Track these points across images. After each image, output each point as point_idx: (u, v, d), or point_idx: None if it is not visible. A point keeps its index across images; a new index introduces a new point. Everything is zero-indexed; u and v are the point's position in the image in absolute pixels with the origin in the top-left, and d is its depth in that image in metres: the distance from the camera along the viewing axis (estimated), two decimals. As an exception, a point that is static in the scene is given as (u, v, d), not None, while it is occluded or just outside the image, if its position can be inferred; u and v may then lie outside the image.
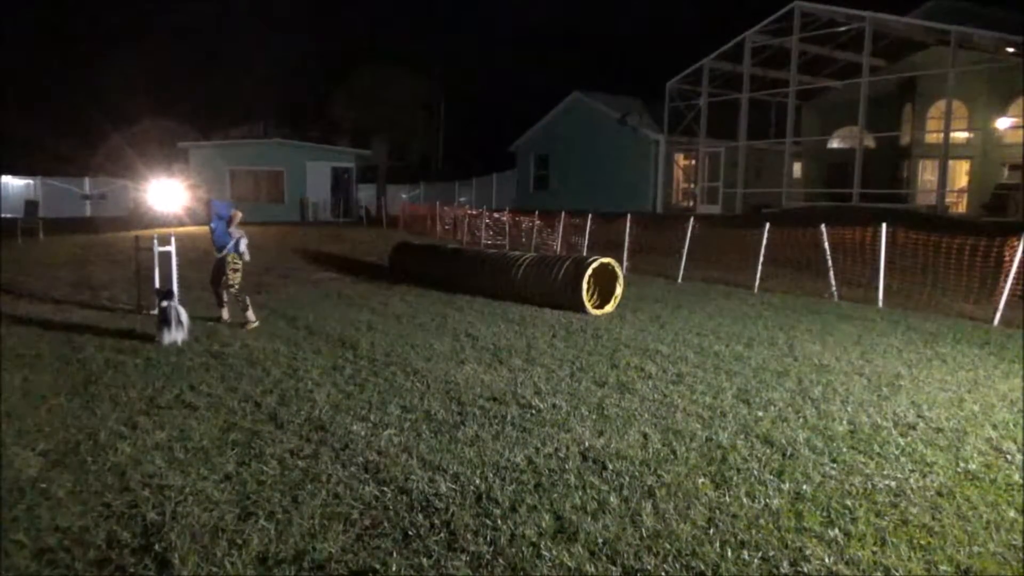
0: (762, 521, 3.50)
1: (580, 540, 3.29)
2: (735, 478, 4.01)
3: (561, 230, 17.34)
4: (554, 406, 5.25)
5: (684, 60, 27.51)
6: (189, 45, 46.93)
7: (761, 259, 12.14)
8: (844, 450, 4.46)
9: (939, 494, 3.85)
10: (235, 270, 8.24)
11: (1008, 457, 4.40)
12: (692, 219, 14.31)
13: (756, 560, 3.15)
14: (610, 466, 4.13)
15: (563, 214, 17.64)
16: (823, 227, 11.59)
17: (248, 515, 3.50)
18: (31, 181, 30.80)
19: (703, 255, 13.98)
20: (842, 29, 24.03)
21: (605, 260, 9.72)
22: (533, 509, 3.59)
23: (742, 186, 26.97)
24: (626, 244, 14.81)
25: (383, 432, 4.64)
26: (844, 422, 5.00)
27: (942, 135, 22.18)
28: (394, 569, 3.05)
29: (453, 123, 44.24)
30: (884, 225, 10.68)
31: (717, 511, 3.60)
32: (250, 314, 8.17)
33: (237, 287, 8.27)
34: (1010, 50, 21.37)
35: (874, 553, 3.23)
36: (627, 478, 3.98)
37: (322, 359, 6.62)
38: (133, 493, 3.74)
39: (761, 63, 26.73)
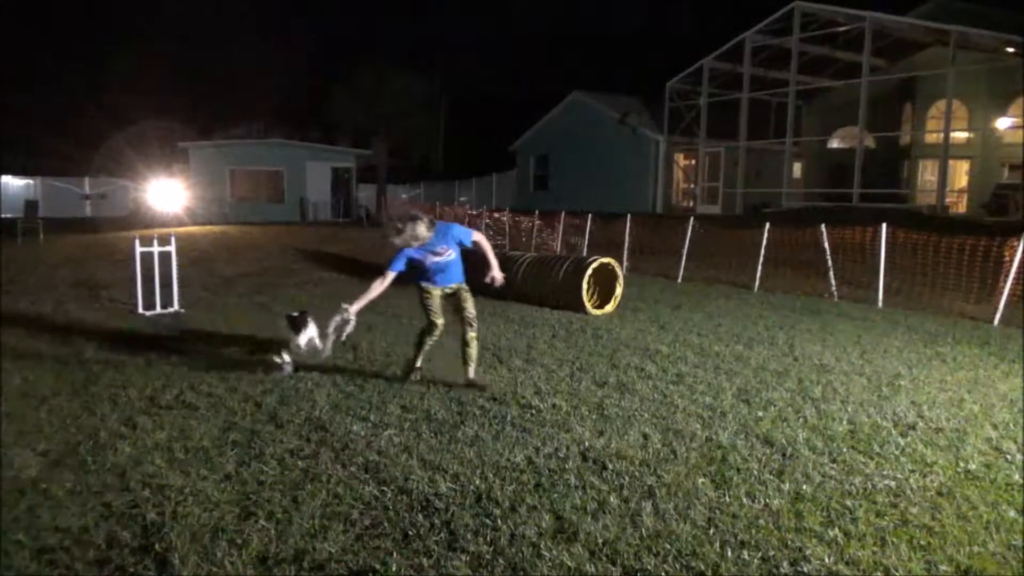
0: (762, 521, 3.50)
1: (580, 540, 3.29)
2: (735, 478, 4.00)
3: (561, 230, 17.34)
4: (554, 406, 5.25)
5: (684, 60, 27.55)
6: (189, 45, 47.00)
7: (761, 259, 12.14)
8: (844, 450, 4.46)
9: (939, 494, 3.85)
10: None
11: (1008, 457, 4.40)
12: (692, 219, 14.32)
13: (756, 560, 3.15)
14: (610, 466, 4.12)
15: (563, 214, 17.64)
16: (823, 227, 11.59)
17: (248, 515, 3.50)
18: (31, 181, 30.82)
19: (703, 255, 13.98)
20: (842, 29, 24.04)
21: (605, 260, 9.72)
22: (533, 509, 3.59)
23: (742, 186, 26.98)
24: (626, 244, 14.81)
25: (383, 432, 4.64)
26: (844, 422, 5.00)
27: (942, 135, 22.20)
28: (394, 569, 3.05)
29: (453, 123, 44.27)
30: (884, 225, 10.68)
31: (717, 511, 3.60)
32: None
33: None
34: (1010, 50, 21.37)
35: (874, 553, 3.23)
36: (627, 478, 3.97)
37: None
38: (133, 493, 3.73)
39: (761, 63, 26.73)
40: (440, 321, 5.63)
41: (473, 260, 5.78)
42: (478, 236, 5.68)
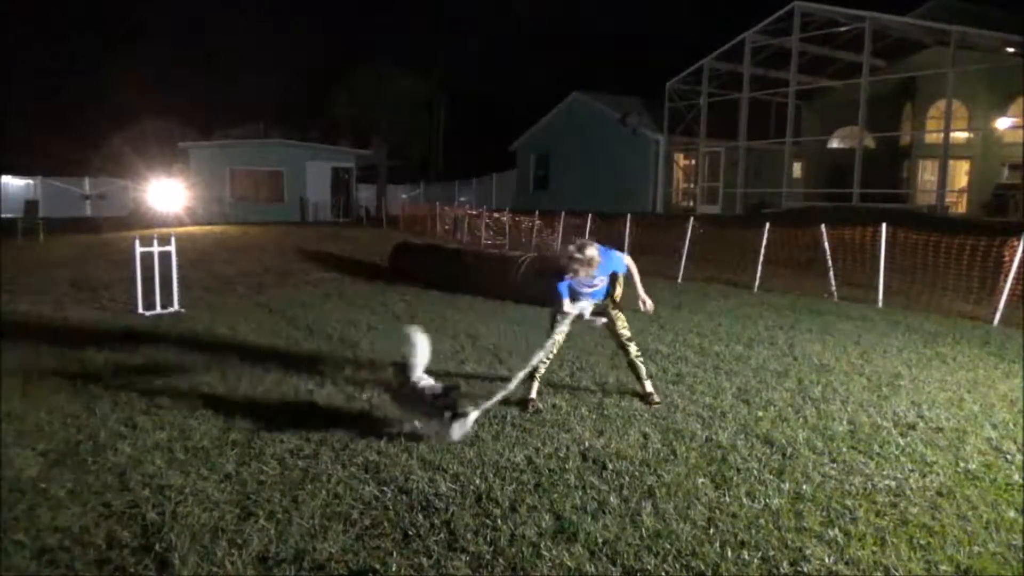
0: (762, 521, 3.50)
1: (580, 540, 3.29)
2: (735, 478, 4.01)
3: (561, 230, 17.34)
4: (554, 406, 5.25)
5: (684, 60, 27.55)
6: (189, 45, 47.02)
7: (761, 259, 12.14)
8: (844, 450, 4.46)
9: (939, 494, 3.85)
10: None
11: (1008, 457, 4.40)
12: (692, 219, 14.32)
13: (756, 560, 3.15)
14: (610, 466, 4.13)
15: (563, 214, 17.65)
16: (823, 227, 11.59)
17: (248, 515, 3.50)
18: (31, 181, 30.79)
19: (703, 255, 13.98)
20: (842, 29, 24.04)
21: (605, 260, 9.71)
22: (533, 509, 3.59)
23: (742, 186, 26.98)
24: (626, 244, 14.81)
25: (383, 432, 4.64)
26: (844, 422, 5.00)
27: (942, 135, 22.19)
28: (394, 569, 3.05)
29: (453, 123, 44.28)
30: (884, 225, 10.68)
31: (717, 511, 3.60)
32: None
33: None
34: (1010, 50, 21.37)
35: (874, 553, 3.23)
36: (627, 478, 3.98)
37: (322, 359, 6.62)
38: (133, 493, 3.74)
39: (761, 63, 26.73)
40: (559, 339, 5.34)
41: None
42: (628, 260, 5.37)
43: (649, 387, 5.52)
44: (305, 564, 3.09)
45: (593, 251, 5.01)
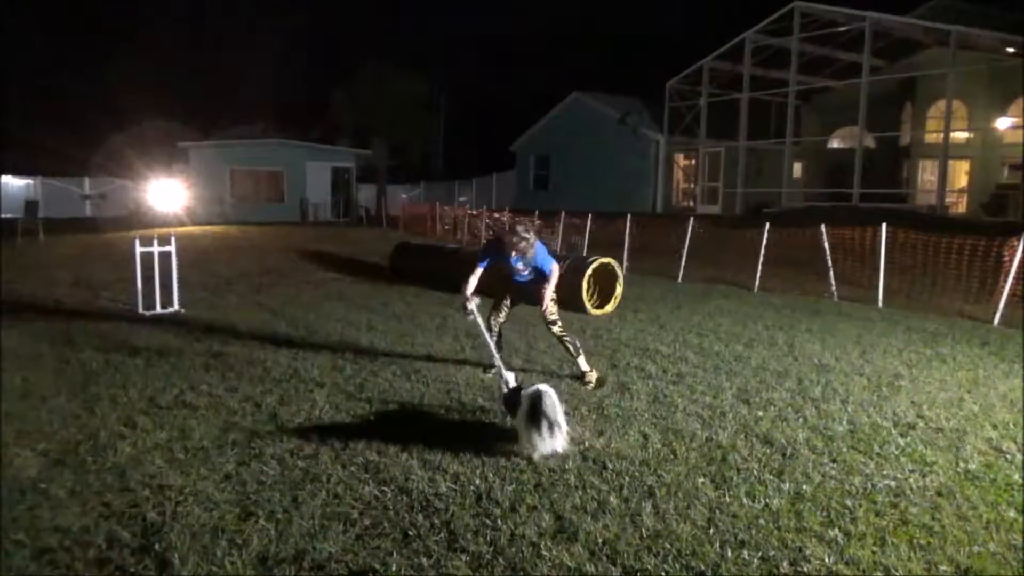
0: (762, 521, 3.50)
1: (580, 540, 3.29)
2: (735, 478, 4.00)
3: (561, 230, 17.34)
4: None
5: (684, 60, 27.56)
6: (189, 45, 47.03)
7: (761, 259, 12.14)
8: (844, 450, 4.46)
9: (939, 494, 3.85)
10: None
11: (1008, 457, 4.40)
12: (692, 219, 14.32)
13: (756, 560, 3.15)
14: (610, 466, 4.13)
15: (563, 214, 17.64)
16: (823, 227, 11.59)
17: (248, 515, 3.50)
18: (31, 181, 30.79)
19: (703, 255, 13.98)
20: (842, 29, 24.04)
21: (605, 260, 9.71)
22: (533, 509, 3.59)
23: (742, 186, 26.98)
24: (626, 244, 14.81)
25: (383, 432, 4.64)
26: (844, 422, 5.00)
27: (942, 135, 22.19)
28: (394, 569, 3.05)
29: (453, 123, 44.32)
30: (884, 225, 10.68)
31: (717, 511, 3.60)
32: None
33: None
34: (1010, 50, 21.37)
35: (874, 553, 3.23)
36: (627, 478, 3.98)
37: (322, 359, 6.62)
38: (133, 493, 3.74)
39: (761, 63, 26.73)
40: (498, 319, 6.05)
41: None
42: (555, 267, 6.06)
43: (585, 365, 5.94)
44: (305, 564, 3.08)
45: (533, 235, 5.91)
